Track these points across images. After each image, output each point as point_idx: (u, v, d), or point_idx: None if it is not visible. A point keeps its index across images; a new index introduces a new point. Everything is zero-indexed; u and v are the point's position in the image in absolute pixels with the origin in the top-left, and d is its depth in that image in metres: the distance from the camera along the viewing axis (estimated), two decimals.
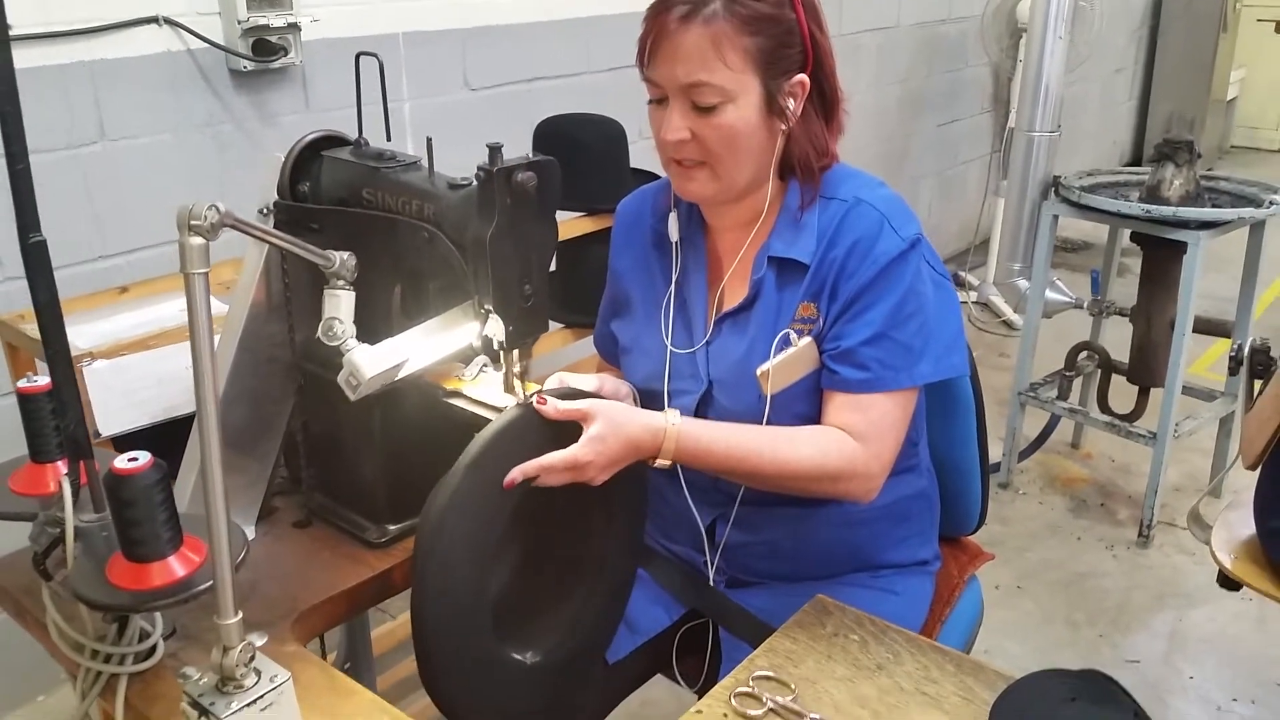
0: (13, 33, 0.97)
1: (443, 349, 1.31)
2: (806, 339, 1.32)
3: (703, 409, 1.39)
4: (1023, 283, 3.70)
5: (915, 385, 1.33)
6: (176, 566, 1.05)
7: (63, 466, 1.19)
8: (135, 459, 1.01)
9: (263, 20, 2.30)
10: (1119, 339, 3.22)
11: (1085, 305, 3.26)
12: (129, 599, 1.04)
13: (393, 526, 1.43)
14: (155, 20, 2.19)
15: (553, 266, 1.33)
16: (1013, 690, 1.10)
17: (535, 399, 1.19)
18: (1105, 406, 3.17)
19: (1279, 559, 1.79)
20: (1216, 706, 2.37)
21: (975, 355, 1.60)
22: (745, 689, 1.14)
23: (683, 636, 1.52)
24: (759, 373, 1.31)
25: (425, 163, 1.30)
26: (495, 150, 1.13)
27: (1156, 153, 2.90)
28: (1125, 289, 3.51)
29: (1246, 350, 1.97)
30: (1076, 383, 3.28)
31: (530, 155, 1.18)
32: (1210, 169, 3.05)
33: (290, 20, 2.35)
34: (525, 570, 1.32)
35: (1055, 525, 3.11)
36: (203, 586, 1.04)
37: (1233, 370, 2.02)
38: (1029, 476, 3.36)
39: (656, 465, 1.26)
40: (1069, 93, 3.78)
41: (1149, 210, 2.76)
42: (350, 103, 1.36)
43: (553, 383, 1.29)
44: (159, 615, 1.20)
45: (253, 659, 1.00)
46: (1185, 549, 2.95)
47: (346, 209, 1.35)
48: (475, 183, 1.18)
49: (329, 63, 2.50)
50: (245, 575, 1.27)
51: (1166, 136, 2.90)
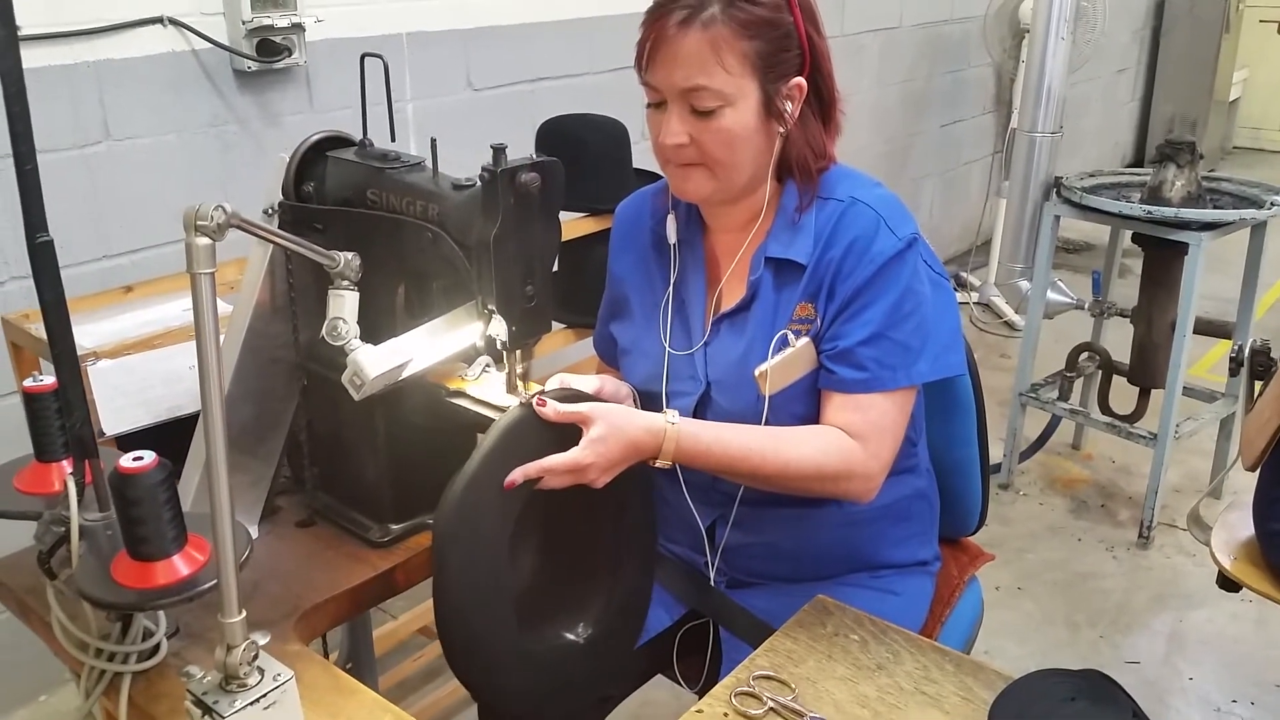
0: (20, 33, 0.98)
1: (446, 349, 1.32)
2: (804, 339, 1.32)
3: (701, 410, 1.39)
4: (1024, 283, 3.71)
5: (913, 384, 1.33)
6: (181, 565, 1.06)
7: (68, 465, 1.20)
8: (140, 458, 1.01)
9: (267, 21, 2.30)
10: (1120, 340, 3.22)
11: (1086, 306, 3.26)
12: (134, 597, 1.05)
13: (396, 526, 1.44)
14: (160, 21, 2.20)
15: (555, 267, 1.34)
16: (1012, 690, 1.10)
17: (535, 401, 1.20)
18: (1106, 407, 3.17)
19: (1278, 561, 1.80)
20: (1216, 708, 2.38)
21: (976, 356, 1.60)
22: (746, 688, 1.15)
23: (683, 637, 1.52)
24: (757, 373, 1.32)
25: (429, 163, 1.31)
26: (499, 151, 1.13)
27: (1158, 154, 2.90)
28: (1126, 290, 3.51)
29: (1247, 351, 1.98)
30: (1077, 384, 3.28)
31: (534, 156, 1.19)
32: (1212, 170, 3.05)
33: (294, 21, 2.36)
34: (545, 555, 1.33)
35: (1055, 526, 3.11)
36: (207, 585, 1.04)
37: (1233, 371, 2.03)
38: (1029, 477, 3.36)
39: (657, 465, 1.26)
40: (1071, 93, 3.78)
41: (1151, 211, 2.76)
42: (353, 103, 1.37)
43: (554, 384, 1.30)
44: (162, 614, 1.20)
45: (256, 657, 1.01)
46: (1185, 550, 2.95)
47: (351, 209, 1.35)
48: (479, 183, 1.19)
49: (333, 63, 2.51)
50: (248, 574, 1.27)
51: (1168, 137, 2.90)
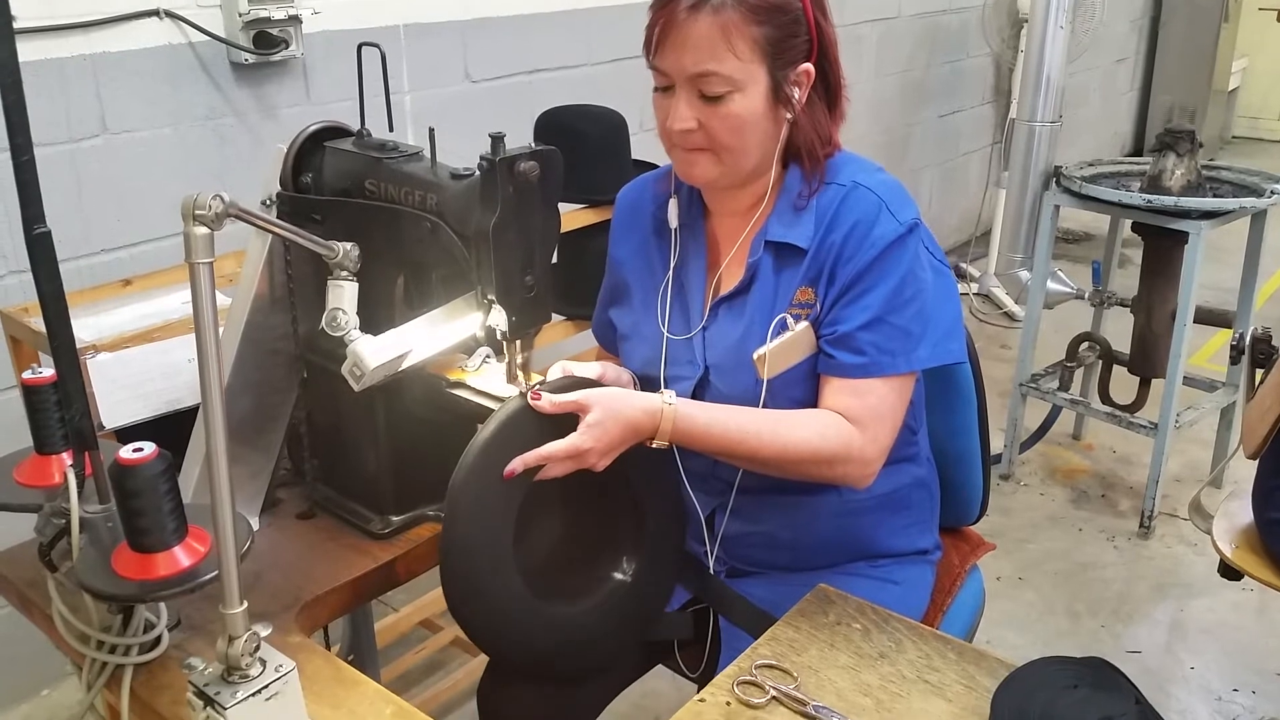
0: (15, 25, 0.97)
1: (446, 340, 1.31)
2: (803, 323, 1.32)
3: (699, 394, 1.39)
4: (1024, 273, 3.70)
5: (913, 370, 1.33)
6: (182, 557, 1.06)
7: (67, 458, 1.20)
8: (141, 449, 1.01)
9: (264, 13, 2.30)
10: (1120, 330, 3.22)
11: (1086, 296, 3.25)
12: (135, 589, 1.05)
13: (396, 517, 1.44)
14: (156, 13, 2.19)
15: (553, 258, 1.34)
16: (1015, 678, 1.10)
17: (530, 395, 1.19)
18: (1106, 397, 3.17)
19: (1278, 549, 1.80)
20: (1217, 696, 2.38)
21: (976, 346, 1.59)
22: (748, 677, 1.15)
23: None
24: (755, 357, 1.31)
25: (427, 153, 1.30)
26: (498, 140, 1.13)
27: (1158, 142, 2.90)
28: (1126, 280, 3.51)
29: (1248, 339, 1.98)
30: (1078, 374, 3.28)
31: (532, 145, 1.18)
32: (1211, 159, 3.04)
33: (291, 13, 2.35)
34: (557, 532, 1.34)
35: (1056, 516, 3.11)
36: (208, 576, 1.04)
37: (1234, 360, 2.03)
38: (1030, 468, 3.36)
39: (654, 446, 1.26)
40: (1069, 83, 3.78)
41: (1150, 200, 2.75)
42: (350, 95, 1.36)
43: (555, 371, 1.30)
44: (163, 606, 1.20)
45: (258, 649, 1.00)
46: (1186, 539, 2.96)
47: (349, 200, 1.35)
48: (478, 173, 1.18)
49: (330, 55, 2.50)
50: (249, 566, 1.27)
51: (1168, 126, 2.90)
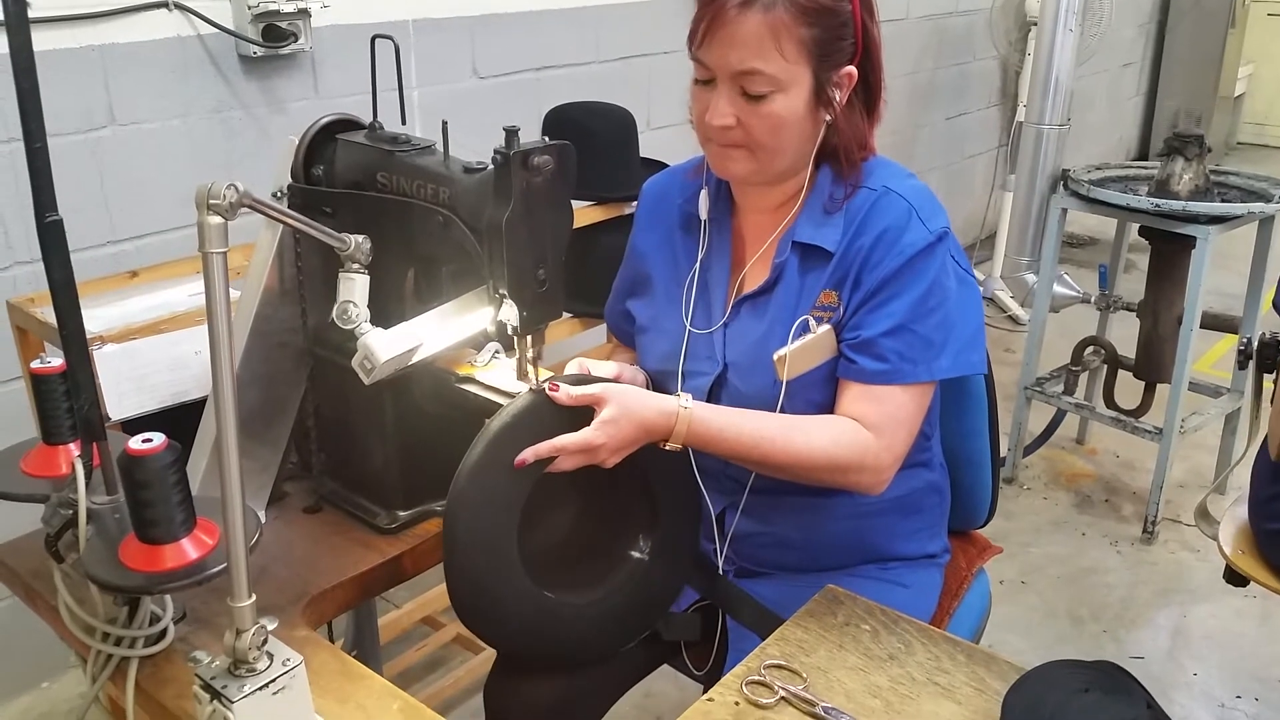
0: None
1: (457, 334, 1.31)
2: (825, 326, 1.31)
3: (716, 391, 1.39)
4: (1030, 277, 3.69)
5: (933, 380, 1.32)
6: (190, 549, 1.05)
7: (75, 448, 1.19)
8: (150, 440, 1.01)
9: (273, 6, 2.29)
10: (1125, 334, 3.21)
11: (1092, 300, 3.25)
12: (142, 580, 1.04)
13: (403, 512, 1.43)
14: (165, 5, 2.19)
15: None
16: (1026, 681, 1.09)
17: (548, 387, 1.19)
18: (1111, 402, 3.16)
19: (1277, 559, 1.79)
20: (1220, 703, 2.37)
21: None
22: (757, 678, 1.14)
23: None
24: (776, 358, 1.31)
25: (440, 147, 1.30)
26: (512, 133, 1.12)
27: (1166, 147, 2.89)
28: (1131, 285, 3.50)
29: (1256, 344, 1.97)
30: (1082, 378, 3.28)
31: (546, 139, 1.17)
32: (1217, 165, 3.03)
33: (300, 6, 2.34)
34: (565, 527, 1.33)
35: (1059, 521, 3.10)
36: (216, 569, 1.04)
37: (1241, 364, 2.02)
38: (1034, 472, 3.36)
39: (667, 448, 1.26)
40: (1075, 87, 3.77)
41: (1158, 204, 2.75)
42: (358, 90, 1.36)
43: (572, 368, 1.29)
44: (169, 599, 1.20)
45: (265, 642, 1.00)
46: (1189, 545, 2.95)
47: (361, 193, 1.34)
48: (491, 167, 1.18)
49: (338, 49, 2.49)
50: (255, 560, 1.26)
51: (1177, 130, 2.89)
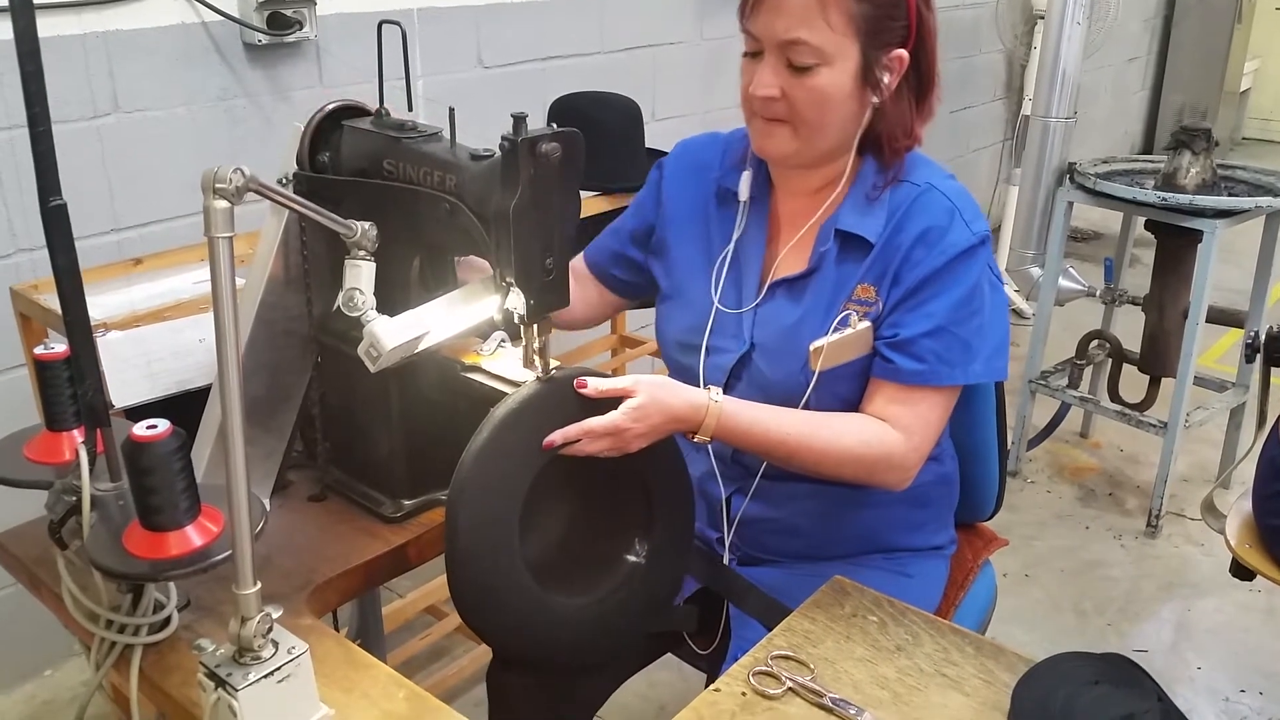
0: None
1: (463, 322, 1.30)
2: (865, 323, 1.30)
3: (739, 370, 1.38)
4: (1035, 270, 3.69)
5: (966, 383, 1.31)
6: (194, 536, 1.04)
7: (78, 435, 1.18)
8: (155, 426, 1.00)
9: None
10: (1131, 328, 3.21)
11: (1098, 294, 3.24)
12: (146, 568, 1.03)
13: (408, 501, 1.42)
14: None
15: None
16: (1035, 673, 1.09)
17: (575, 383, 1.19)
18: (1116, 396, 3.16)
19: None
20: (1224, 697, 2.37)
21: None
22: (764, 668, 1.14)
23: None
24: (812, 348, 1.29)
25: (447, 134, 1.29)
26: (519, 120, 1.11)
27: (1173, 140, 2.88)
28: (1136, 279, 3.49)
29: (1263, 338, 1.96)
30: (1087, 371, 3.27)
31: (554, 127, 1.16)
32: (1223, 160, 3.03)
33: None
34: (563, 526, 1.31)
35: (1063, 514, 3.10)
36: (221, 556, 1.03)
37: (1249, 358, 2.01)
38: (1038, 465, 3.35)
39: (695, 441, 1.25)
40: (1080, 81, 3.76)
41: (1165, 198, 2.74)
42: (362, 79, 1.35)
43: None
44: (173, 586, 1.19)
45: (270, 630, 0.99)
46: (1193, 539, 2.95)
47: (367, 180, 1.33)
48: (498, 154, 1.17)
49: (343, 37, 2.48)
50: (260, 548, 1.25)
51: (1184, 124, 2.88)
